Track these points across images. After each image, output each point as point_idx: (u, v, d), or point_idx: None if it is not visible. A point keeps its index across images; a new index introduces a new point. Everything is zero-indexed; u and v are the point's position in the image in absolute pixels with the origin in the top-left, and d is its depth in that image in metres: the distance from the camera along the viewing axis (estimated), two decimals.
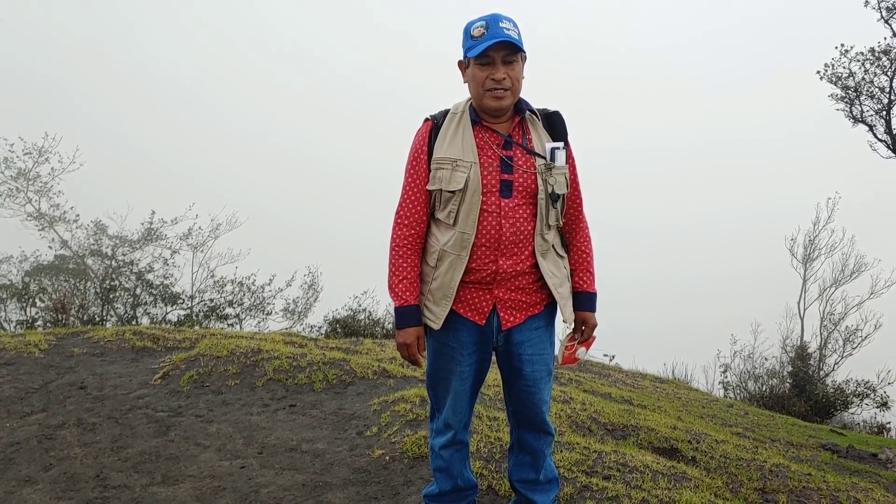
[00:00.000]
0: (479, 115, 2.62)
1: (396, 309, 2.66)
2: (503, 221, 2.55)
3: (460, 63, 2.62)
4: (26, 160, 12.54)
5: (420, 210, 2.64)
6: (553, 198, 2.60)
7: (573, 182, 2.74)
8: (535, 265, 2.64)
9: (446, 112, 2.69)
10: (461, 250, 2.56)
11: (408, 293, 2.64)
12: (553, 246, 2.70)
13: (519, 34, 2.52)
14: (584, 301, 2.83)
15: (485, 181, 2.54)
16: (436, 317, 2.63)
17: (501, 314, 2.65)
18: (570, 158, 2.70)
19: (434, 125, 2.66)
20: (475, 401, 2.87)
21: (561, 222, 2.72)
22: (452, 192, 2.55)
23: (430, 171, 2.61)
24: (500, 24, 2.47)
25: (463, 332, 2.66)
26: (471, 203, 2.54)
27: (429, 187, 2.61)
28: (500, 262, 2.58)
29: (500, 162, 2.57)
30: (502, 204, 2.55)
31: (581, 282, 2.83)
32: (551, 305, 2.76)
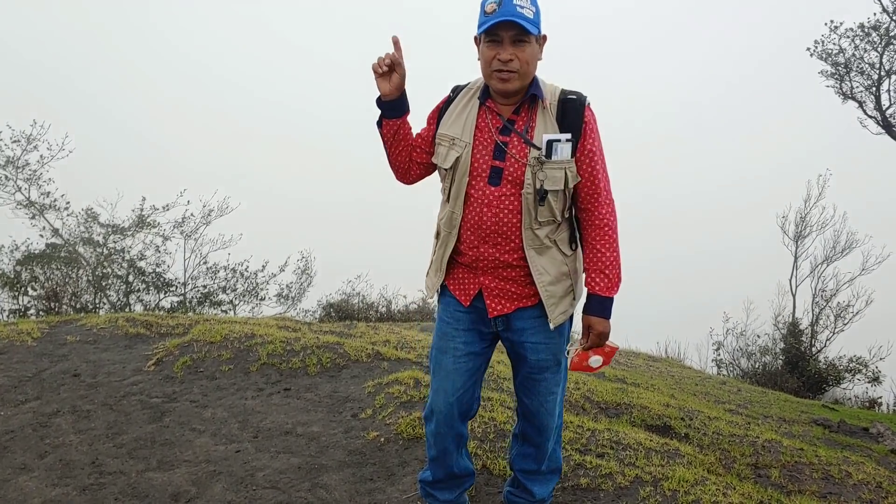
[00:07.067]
0: (489, 95, 2.47)
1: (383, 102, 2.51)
2: (485, 210, 2.44)
3: (476, 39, 2.42)
4: (14, 148, 12.42)
5: (415, 137, 2.64)
6: (540, 194, 2.39)
7: (590, 173, 2.45)
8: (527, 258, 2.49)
9: (466, 86, 2.60)
10: (451, 229, 2.54)
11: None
12: (556, 242, 2.51)
13: (536, 13, 2.32)
14: (592, 304, 2.52)
15: (475, 164, 2.44)
16: (431, 285, 2.70)
17: (487, 301, 2.56)
18: (584, 148, 2.42)
19: (449, 98, 2.59)
20: (475, 391, 2.70)
21: (559, 218, 2.49)
22: (446, 169, 2.51)
23: (434, 143, 2.58)
24: (514, 2, 2.26)
25: (455, 306, 2.65)
26: (459, 184, 2.48)
27: (433, 160, 2.60)
28: (482, 249, 2.50)
29: (494, 146, 2.43)
30: (488, 192, 2.43)
31: (591, 283, 2.51)
32: None
